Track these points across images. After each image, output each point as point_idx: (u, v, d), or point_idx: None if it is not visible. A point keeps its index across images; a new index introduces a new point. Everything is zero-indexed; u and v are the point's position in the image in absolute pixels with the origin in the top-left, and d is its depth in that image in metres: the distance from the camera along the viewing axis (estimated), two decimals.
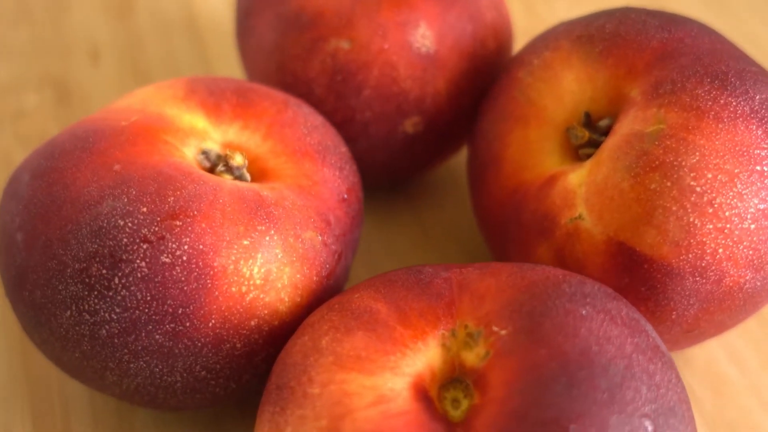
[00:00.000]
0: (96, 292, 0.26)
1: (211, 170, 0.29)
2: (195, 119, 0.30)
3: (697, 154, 0.26)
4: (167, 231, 0.25)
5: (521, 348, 0.23)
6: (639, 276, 0.28)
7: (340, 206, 0.30)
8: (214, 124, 0.30)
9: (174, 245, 0.25)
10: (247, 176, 0.29)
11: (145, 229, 0.25)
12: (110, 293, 0.26)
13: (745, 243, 0.27)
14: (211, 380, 0.28)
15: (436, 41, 0.33)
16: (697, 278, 0.27)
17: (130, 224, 0.26)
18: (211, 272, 0.26)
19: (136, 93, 0.31)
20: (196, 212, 0.26)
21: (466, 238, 0.40)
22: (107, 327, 0.26)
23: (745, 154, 0.27)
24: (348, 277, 0.32)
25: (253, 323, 0.27)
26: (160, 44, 0.48)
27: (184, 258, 0.25)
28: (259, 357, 0.28)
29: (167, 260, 0.25)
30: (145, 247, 0.25)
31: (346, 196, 0.30)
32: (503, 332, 0.23)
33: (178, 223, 0.26)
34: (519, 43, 0.40)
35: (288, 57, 0.33)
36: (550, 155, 0.31)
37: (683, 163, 0.26)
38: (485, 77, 0.35)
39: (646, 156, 0.27)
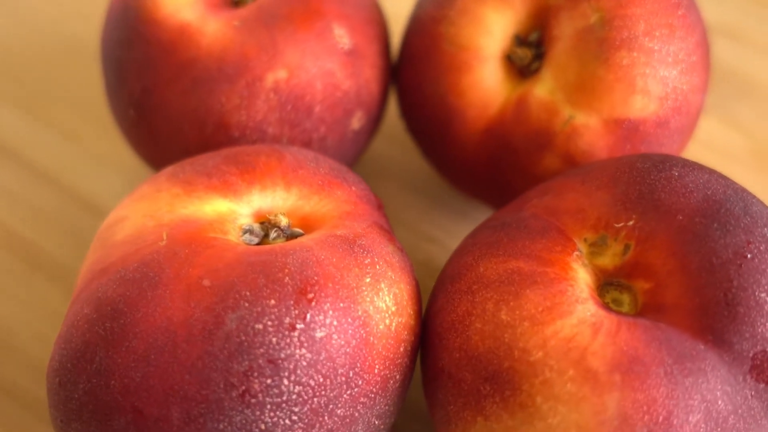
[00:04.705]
0: (269, 406, 0.24)
1: (260, 243, 0.28)
2: (216, 205, 0.28)
3: (641, 21, 0.31)
4: (306, 308, 0.24)
5: (659, 225, 0.26)
6: (638, 138, 0.32)
7: (380, 213, 0.30)
8: (234, 201, 0.28)
9: (321, 317, 0.24)
10: (300, 230, 0.28)
11: (287, 318, 0.24)
12: (284, 398, 0.24)
13: (695, 73, 0.32)
14: (381, 425, 0.27)
15: (350, 35, 0.34)
16: (677, 117, 0.32)
17: (269, 322, 0.24)
18: (360, 322, 0.25)
19: (128, 215, 0.28)
20: (316, 277, 0.25)
21: (418, 204, 0.41)
22: None
23: (668, 6, 0.32)
24: None
25: (402, 349, 0.27)
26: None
27: (335, 323, 0.25)
28: (407, 378, 0.28)
29: (323, 333, 0.24)
30: (296, 334, 0.24)
31: (376, 202, 0.30)
32: (631, 223, 0.26)
33: (310, 295, 0.25)
34: None
35: (226, 112, 0.32)
36: (502, 85, 0.34)
37: (637, 33, 0.31)
38: (388, 51, 0.36)
39: (606, 41, 0.31)
